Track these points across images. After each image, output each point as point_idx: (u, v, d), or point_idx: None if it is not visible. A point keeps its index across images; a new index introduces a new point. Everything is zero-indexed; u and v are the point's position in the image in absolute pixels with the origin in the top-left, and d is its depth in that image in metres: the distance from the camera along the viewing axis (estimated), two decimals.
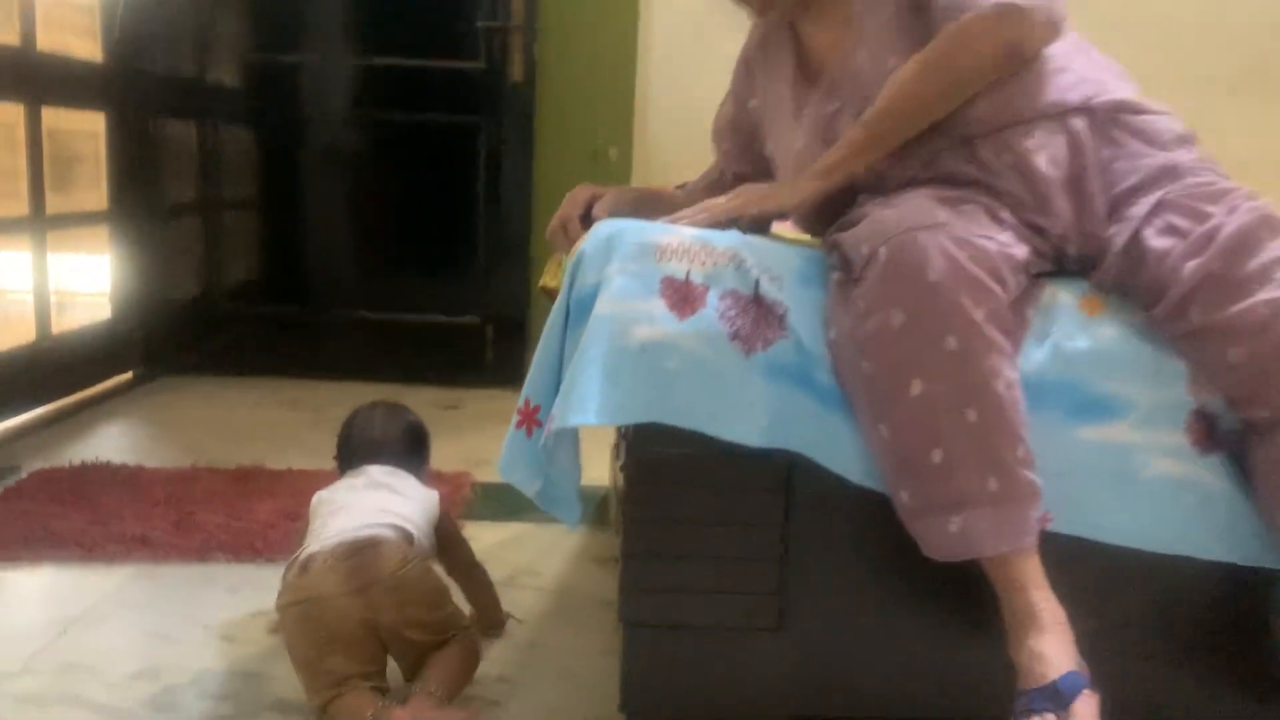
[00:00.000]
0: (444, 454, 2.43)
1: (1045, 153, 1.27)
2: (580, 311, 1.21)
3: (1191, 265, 1.17)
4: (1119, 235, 1.25)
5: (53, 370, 2.95)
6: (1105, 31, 1.54)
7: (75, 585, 1.84)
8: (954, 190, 1.25)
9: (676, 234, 1.24)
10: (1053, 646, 1.13)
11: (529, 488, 1.25)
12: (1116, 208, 1.28)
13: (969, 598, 1.25)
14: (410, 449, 1.74)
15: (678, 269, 1.21)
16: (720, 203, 1.33)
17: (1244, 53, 2.52)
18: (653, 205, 1.52)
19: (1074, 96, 1.29)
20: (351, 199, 3.55)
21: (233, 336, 3.56)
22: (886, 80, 1.29)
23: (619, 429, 1.48)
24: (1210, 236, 1.16)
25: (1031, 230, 1.26)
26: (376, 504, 1.54)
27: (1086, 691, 1.11)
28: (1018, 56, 1.27)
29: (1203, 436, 1.21)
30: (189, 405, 3.16)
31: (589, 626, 1.73)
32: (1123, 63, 1.41)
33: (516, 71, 3.28)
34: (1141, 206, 1.24)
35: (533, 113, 3.30)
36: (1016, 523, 1.14)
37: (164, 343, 3.46)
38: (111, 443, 2.71)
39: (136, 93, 3.31)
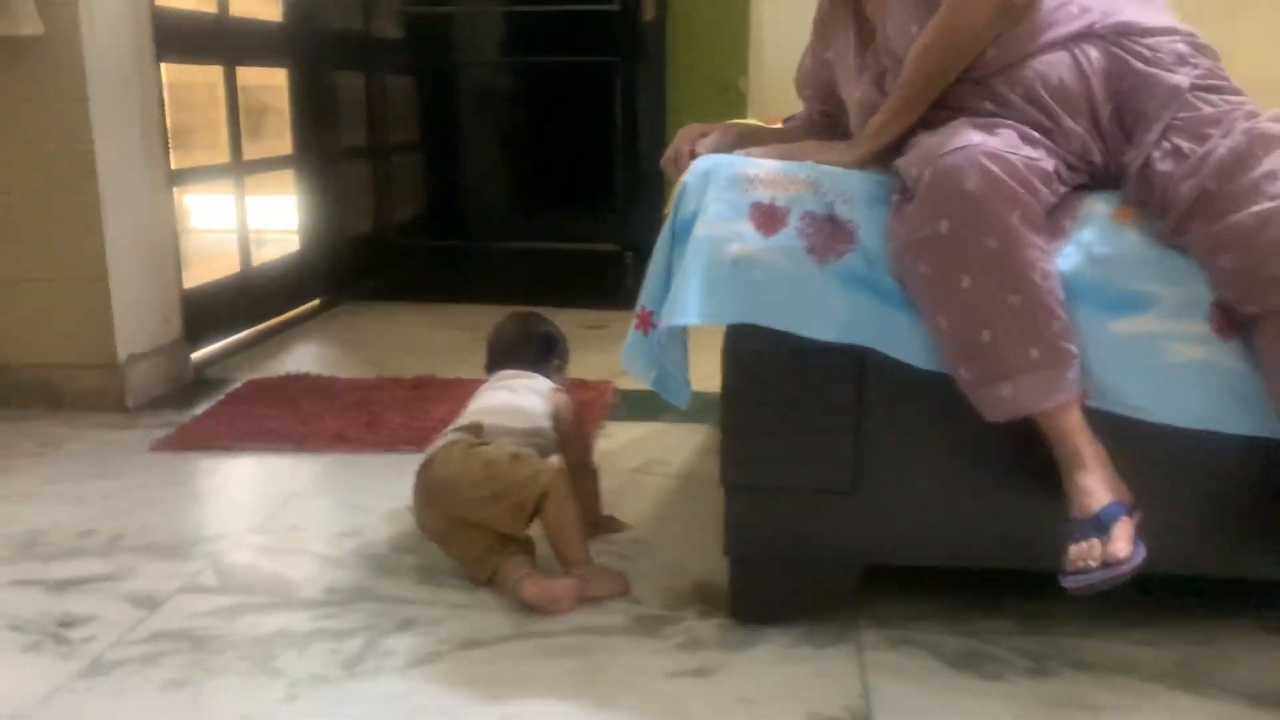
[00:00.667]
0: (590, 366, 2.77)
1: (1051, 79, 1.45)
2: (684, 232, 1.48)
3: (1189, 184, 1.34)
4: (1134, 159, 1.43)
5: (255, 297, 3.41)
6: None
7: (290, 470, 2.25)
8: (986, 118, 1.46)
9: (763, 166, 1.49)
10: (1096, 481, 1.36)
11: (646, 375, 1.54)
12: (1133, 132, 1.46)
13: (1019, 462, 1.48)
14: (539, 354, 1.94)
15: (763, 195, 1.46)
16: (787, 148, 1.57)
17: None
18: (753, 140, 1.77)
19: (1076, 25, 1.46)
20: (502, 139, 3.88)
21: (402, 267, 3.97)
22: (907, 47, 1.50)
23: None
24: (1205, 158, 1.34)
25: (1058, 146, 1.46)
26: (488, 404, 1.81)
27: (1125, 517, 1.34)
28: (1011, 11, 1.44)
29: (1222, 324, 1.39)
30: (369, 327, 3.59)
31: (708, 501, 2.02)
32: None
33: (649, 11, 3.51)
34: (1153, 133, 1.41)
35: (664, 50, 3.53)
36: (1057, 382, 1.36)
37: (345, 273, 3.90)
38: (307, 359, 3.15)
39: (312, 48, 3.70)
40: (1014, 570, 1.56)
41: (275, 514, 2.01)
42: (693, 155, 1.66)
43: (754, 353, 1.48)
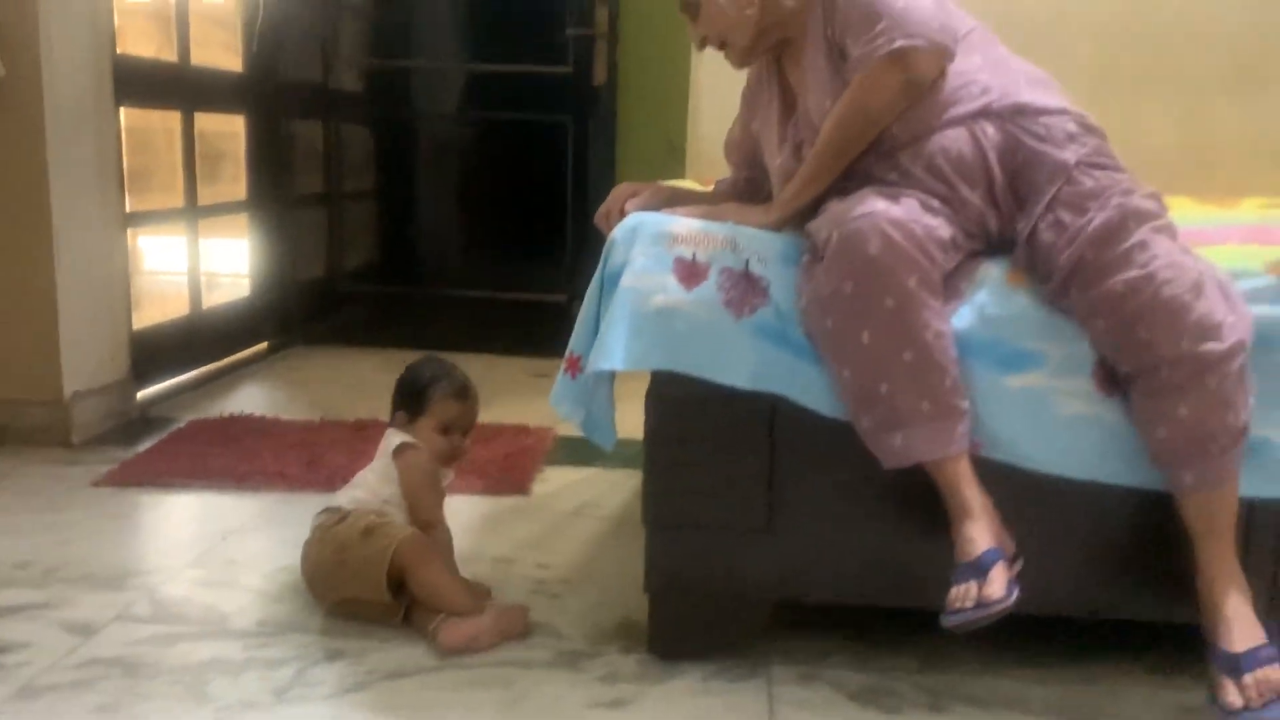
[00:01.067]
0: (534, 413, 2.85)
1: (951, 153, 1.57)
2: (612, 284, 1.58)
3: (1068, 253, 1.47)
4: (1024, 228, 1.56)
5: (204, 339, 3.45)
6: (1107, 40, 1.77)
7: (230, 507, 2.29)
8: (890, 187, 1.58)
9: (686, 224, 1.59)
10: (979, 530, 1.46)
11: (574, 417, 1.63)
12: (1024, 203, 1.58)
13: (921, 507, 1.58)
14: (393, 406, 1.86)
15: (686, 251, 1.56)
16: (710, 210, 1.68)
17: (1234, 54, 2.75)
18: (680, 202, 1.87)
19: (976, 104, 1.59)
20: (456, 190, 3.99)
21: (353, 312, 4.03)
22: (823, 120, 1.62)
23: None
24: (1083, 229, 1.46)
25: (956, 215, 1.58)
26: (356, 478, 1.84)
27: (1002, 563, 1.44)
28: (916, 88, 1.57)
29: (1105, 381, 1.51)
30: (315, 370, 3.64)
31: (637, 543, 2.07)
32: (1124, 66, 1.65)
33: (600, 75, 3.65)
34: (1040, 204, 1.54)
35: (615, 111, 3.67)
36: (946, 435, 1.47)
37: (294, 317, 3.95)
38: (252, 400, 3.19)
39: (271, 97, 3.79)
40: (917, 609, 1.65)
41: (213, 549, 2.05)
42: (622, 213, 1.76)
43: (675, 398, 1.58)
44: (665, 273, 1.55)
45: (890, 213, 1.47)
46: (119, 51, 2.85)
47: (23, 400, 2.62)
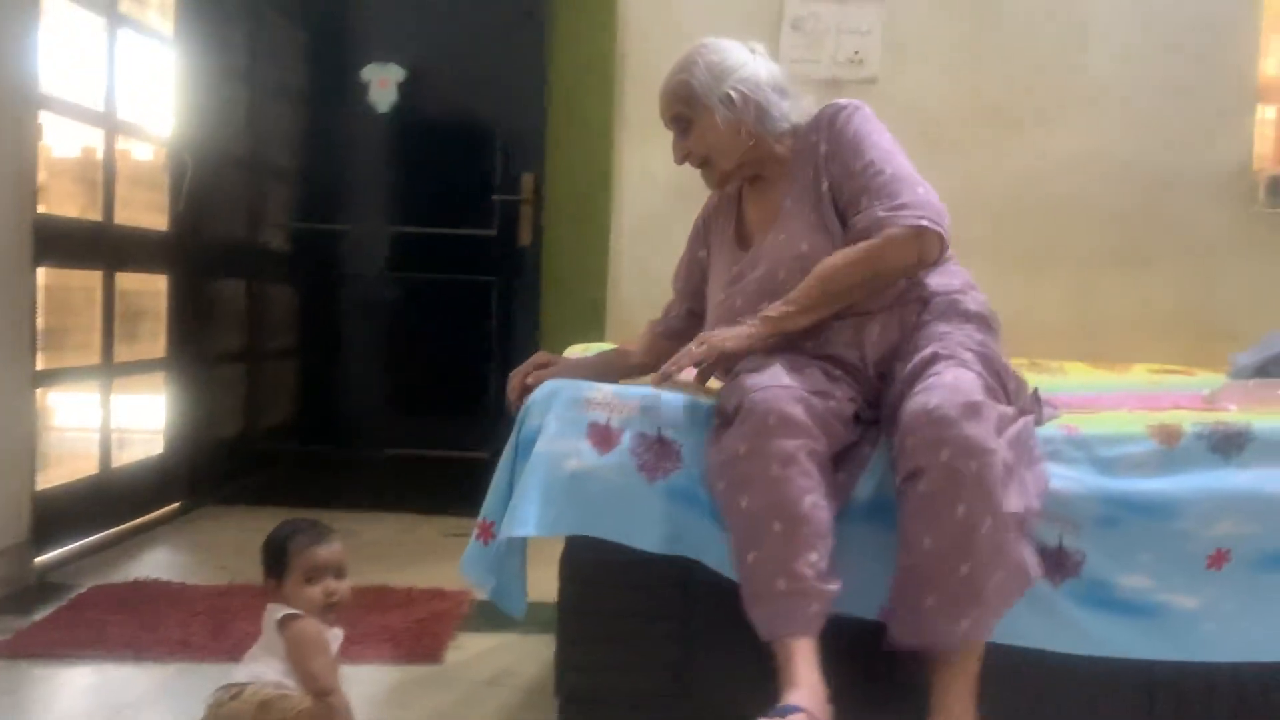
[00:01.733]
0: (449, 576, 2.78)
1: (872, 336, 1.69)
2: (526, 449, 1.59)
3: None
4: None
5: (111, 500, 3.35)
6: (1003, 219, 1.88)
7: (127, 679, 2.18)
8: (804, 357, 1.63)
9: (600, 390, 1.62)
10: (797, 696, 1.45)
11: (484, 584, 1.61)
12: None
13: (836, 666, 1.57)
14: (265, 573, 1.83)
15: (600, 416, 1.59)
16: (691, 350, 1.70)
17: (1121, 233, 2.97)
18: (606, 370, 1.93)
19: (906, 294, 1.71)
20: (379, 348, 3.99)
21: (269, 471, 3.95)
22: (792, 259, 1.69)
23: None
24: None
25: (857, 386, 1.64)
26: (250, 653, 1.79)
27: (803, 714, 1.41)
28: (921, 266, 1.70)
29: (1052, 569, 1.55)
30: (228, 532, 3.53)
31: (551, 713, 2.04)
32: (1018, 243, 1.76)
33: (524, 237, 3.74)
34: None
35: (539, 271, 3.74)
36: (794, 615, 1.48)
37: (208, 476, 3.85)
38: (160, 564, 3.08)
39: (195, 256, 3.80)
40: None
41: None
42: (526, 387, 1.78)
43: (588, 563, 1.57)
44: (579, 438, 1.57)
45: (794, 387, 1.52)
46: (40, 210, 2.86)
47: None
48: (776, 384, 1.52)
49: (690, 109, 1.76)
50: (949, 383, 1.49)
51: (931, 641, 1.47)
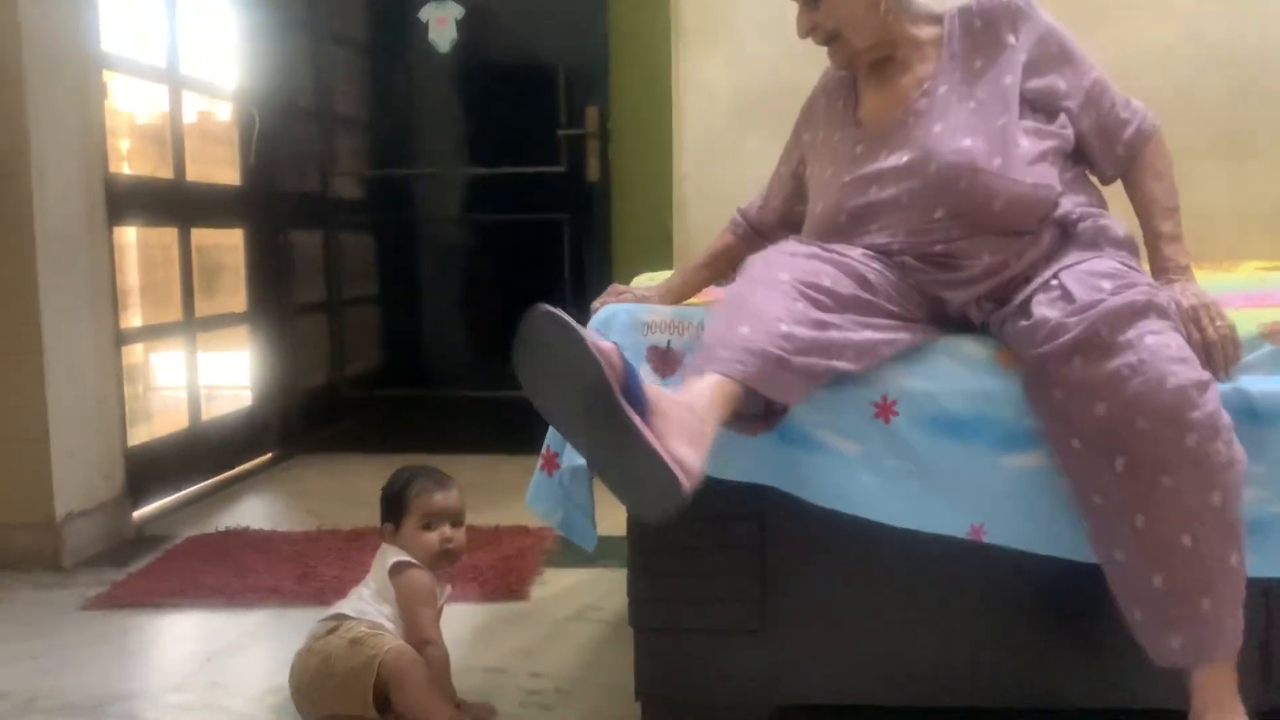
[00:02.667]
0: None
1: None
2: None
3: (1076, 319, 1.39)
4: (1018, 298, 1.51)
5: (203, 453, 3.42)
6: None
7: (219, 625, 2.23)
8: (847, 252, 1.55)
9: (659, 312, 1.56)
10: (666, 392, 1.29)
11: (551, 517, 1.57)
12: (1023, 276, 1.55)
13: (923, 598, 1.51)
14: (383, 518, 1.82)
15: (659, 339, 1.52)
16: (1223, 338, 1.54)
17: (1219, 120, 2.75)
18: (684, 289, 1.88)
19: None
20: (457, 292, 3.99)
21: (356, 418, 4.00)
22: (951, 152, 1.55)
23: None
24: (1098, 304, 1.40)
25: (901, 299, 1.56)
26: (355, 590, 1.80)
27: (617, 350, 1.26)
28: None
29: None
30: (317, 479, 3.59)
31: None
32: None
33: (593, 172, 3.67)
34: (1045, 274, 1.51)
35: (609, 206, 3.68)
36: (709, 359, 1.37)
37: (297, 426, 3.92)
38: (252, 512, 3.14)
39: (269, 210, 3.83)
40: (925, 708, 1.57)
41: (197, 671, 1.99)
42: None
43: None
44: (639, 361, 1.51)
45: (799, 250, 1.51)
46: (112, 171, 2.88)
47: (13, 524, 2.59)
48: (797, 248, 1.51)
49: None
50: (1172, 351, 1.36)
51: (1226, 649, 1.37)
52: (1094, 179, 1.71)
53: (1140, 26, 2.71)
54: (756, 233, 1.90)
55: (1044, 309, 1.46)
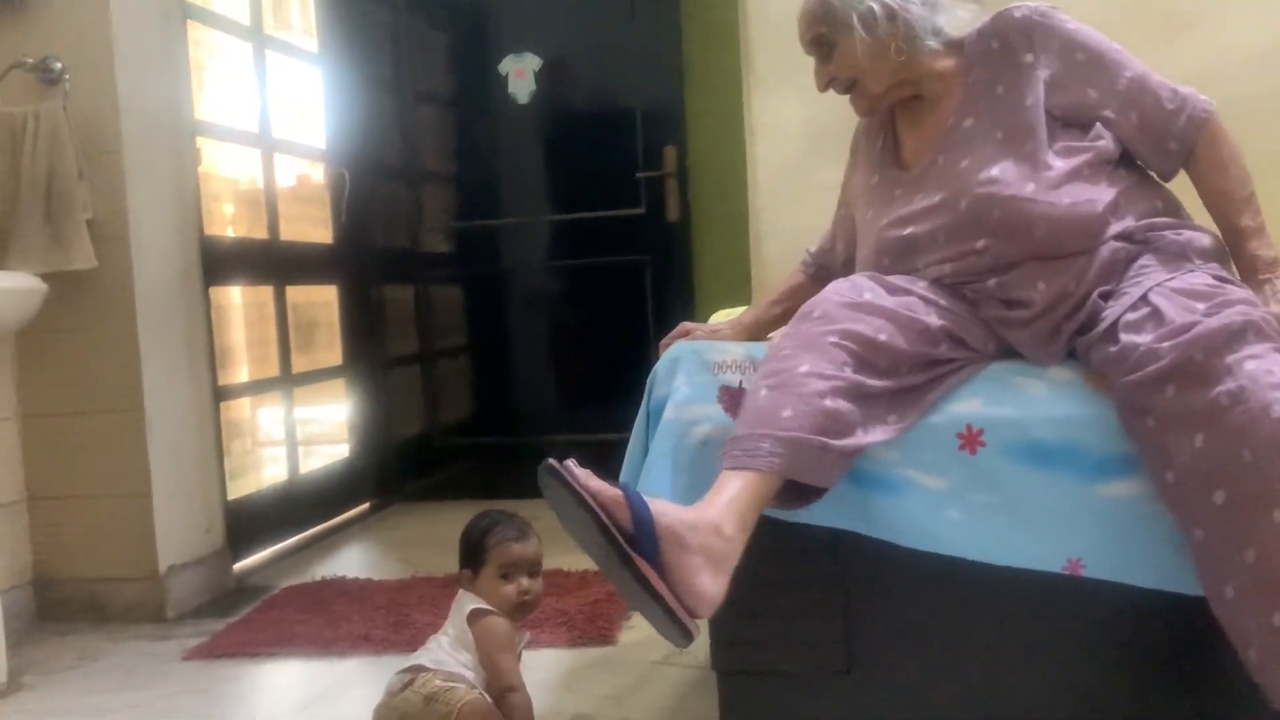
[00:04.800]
0: None
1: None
2: (655, 415, 1.52)
3: (1169, 344, 1.33)
4: (1109, 315, 1.44)
5: (301, 504, 3.49)
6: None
7: (313, 674, 2.25)
8: (912, 284, 1.51)
9: (730, 351, 1.53)
10: (679, 509, 1.30)
11: None
12: (1107, 295, 1.48)
13: (1016, 632, 1.44)
14: (461, 563, 1.82)
15: (731, 378, 1.50)
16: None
17: None
18: (756, 328, 1.84)
19: (1120, 227, 1.53)
20: (544, 339, 4.03)
21: (450, 467, 4.05)
22: (977, 185, 1.52)
23: None
24: (1192, 326, 1.33)
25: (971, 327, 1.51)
26: (433, 640, 1.78)
27: (623, 498, 1.27)
28: None
29: None
30: (412, 527, 3.63)
31: None
32: None
33: (672, 212, 3.68)
34: (1133, 294, 1.44)
35: (689, 246, 3.68)
36: (744, 452, 1.35)
37: (392, 475, 3.98)
38: (348, 562, 3.19)
39: (360, 266, 3.92)
40: None
41: (292, 719, 2.00)
42: None
43: None
44: (710, 401, 1.48)
45: (869, 294, 1.47)
46: (207, 233, 2.99)
47: (120, 578, 2.67)
48: (851, 298, 1.46)
49: (831, 29, 1.61)
50: (1276, 377, 1.27)
51: None
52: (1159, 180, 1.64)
53: (1231, 30, 2.60)
54: (826, 271, 1.88)
55: (1132, 334, 1.39)
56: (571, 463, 1.27)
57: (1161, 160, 1.60)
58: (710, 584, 1.26)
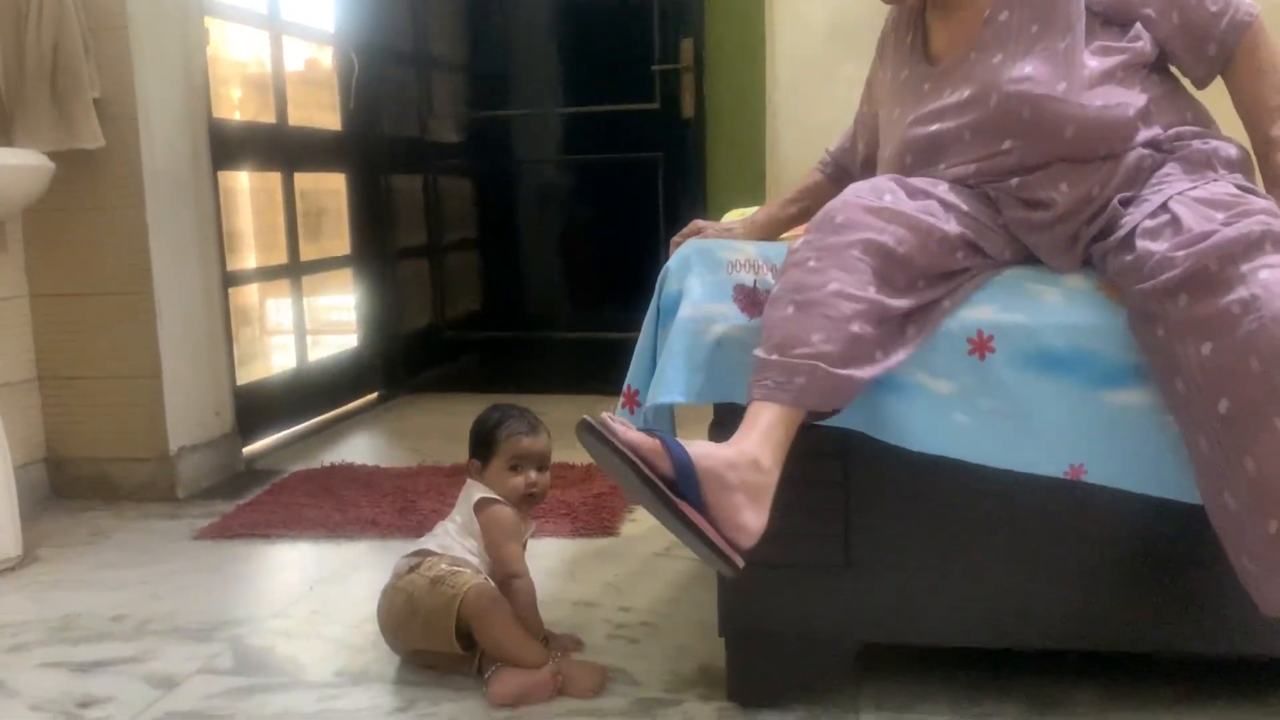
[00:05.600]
0: None
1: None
2: (667, 314, 1.52)
3: (1184, 253, 1.31)
4: (1128, 222, 1.42)
5: (310, 391, 3.52)
6: None
7: (321, 556, 2.30)
8: (933, 186, 1.48)
9: (742, 250, 1.52)
10: (705, 449, 1.32)
11: None
12: (1127, 201, 1.45)
13: (1013, 537, 1.46)
14: (471, 454, 1.83)
15: (745, 278, 1.49)
16: None
17: None
18: (770, 226, 1.83)
19: (1149, 134, 1.49)
20: (553, 234, 4.00)
21: (457, 360, 4.07)
22: (1008, 82, 1.47)
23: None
24: (1210, 235, 1.31)
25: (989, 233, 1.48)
26: (440, 526, 1.82)
27: (661, 443, 1.29)
28: None
29: None
30: (421, 418, 3.67)
31: None
32: None
33: (687, 108, 3.62)
34: (1153, 201, 1.41)
35: (704, 143, 3.62)
36: (771, 384, 1.35)
37: (400, 367, 4.01)
38: (356, 449, 3.23)
39: (369, 153, 3.88)
40: (1024, 651, 1.53)
41: (300, 599, 2.05)
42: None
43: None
44: (725, 300, 1.48)
45: (890, 199, 1.42)
46: (216, 116, 2.95)
47: (131, 458, 2.71)
48: (872, 194, 1.42)
49: None
50: None
51: None
52: (1194, 92, 1.60)
53: None
54: (844, 172, 1.85)
55: (1148, 241, 1.37)
56: (608, 416, 1.29)
57: (1198, 65, 1.56)
58: (752, 518, 1.30)
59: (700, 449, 1.31)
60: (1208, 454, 1.31)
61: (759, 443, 1.32)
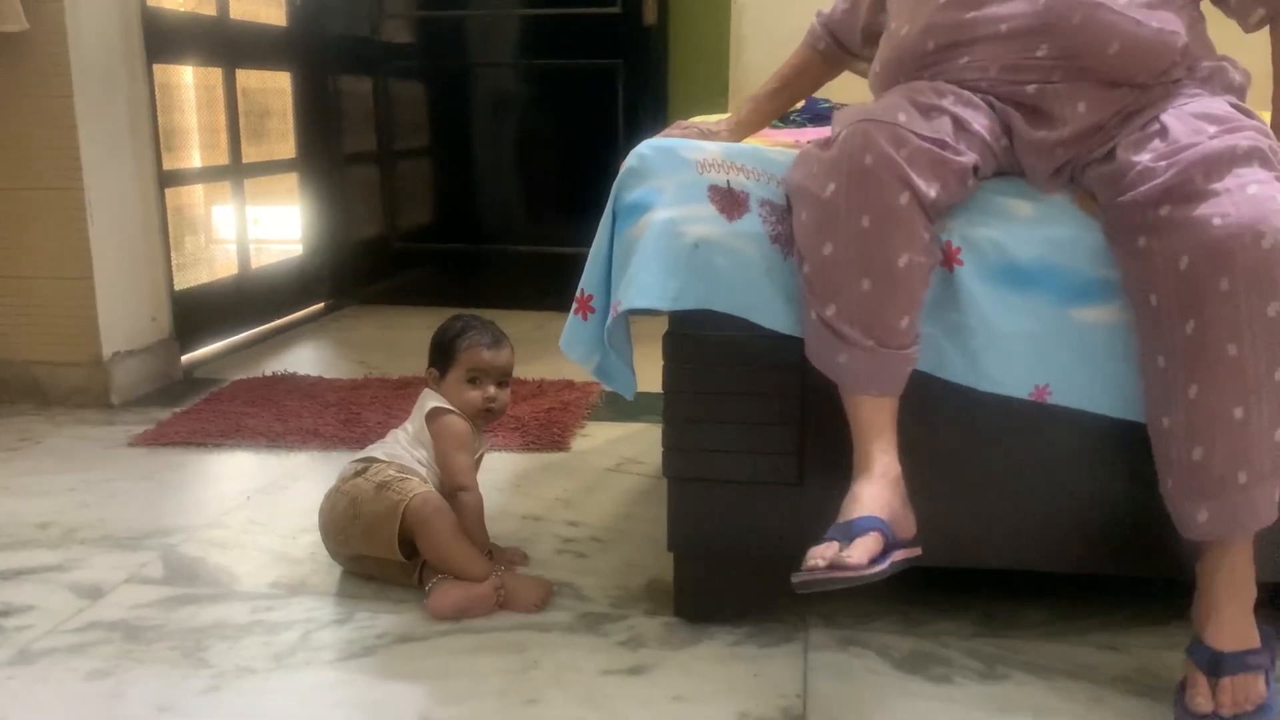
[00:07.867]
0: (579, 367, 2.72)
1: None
2: (626, 215, 1.44)
3: (1166, 163, 1.26)
4: (1118, 136, 1.36)
5: (253, 299, 3.40)
6: None
7: (260, 466, 2.23)
8: (940, 98, 1.38)
9: (706, 150, 1.44)
10: (868, 493, 1.30)
11: (587, 362, 1.50)
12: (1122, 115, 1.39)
13: (968, 457, 1.43)
14: (430, 363, 1.77)
15: (718, 178, 1.41)
16: None
17: None
18: (758, 117, 1.73)
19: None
20: (509, 143, 3.86)
21: (408, 272, 3.96)
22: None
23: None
24: (1195, 146, 1.25)
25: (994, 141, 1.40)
26: (392, 434, 1.76)
27: (876, 534, 1.25)
28: None
29: None
30: (367, 330, 3.57)
31: None
32: None
33: (650, 14, 3.49)
34: (1145, 114, 1.35)
35: (665, 52, 3.50)
36: (881, 373, 1.31)
37: (348, 278, 3.89)
38: (300, 359, 3.13)
39: (316, 52, 3.72)
40: (977, 570, 1.50)
41: (236, 508, 1.99)
42: None
43: (697, 341, 1.44)
44: (699, 201, 1.40)
45: (908, 127, 1.30)
46: (150, 4, 2.79)
47: (62, 362, 2.60)
48: (886, 119, 1.30)
49: None
50: (1276, 205, 1.20)
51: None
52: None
53: None
54: (839, 46, 1.71)
55: (1131, 152, 1.31)
56: (819, 561, 1.23)
57: (1250, 8, 1.46)
58: (909, 524, 1.35)
59: (879, 504, 1.30)
60: (1160, 373, 1.28)
61: (891, 449, 1.34)
